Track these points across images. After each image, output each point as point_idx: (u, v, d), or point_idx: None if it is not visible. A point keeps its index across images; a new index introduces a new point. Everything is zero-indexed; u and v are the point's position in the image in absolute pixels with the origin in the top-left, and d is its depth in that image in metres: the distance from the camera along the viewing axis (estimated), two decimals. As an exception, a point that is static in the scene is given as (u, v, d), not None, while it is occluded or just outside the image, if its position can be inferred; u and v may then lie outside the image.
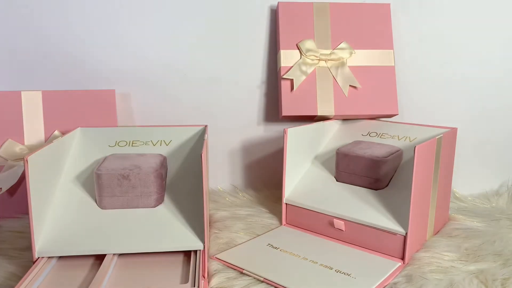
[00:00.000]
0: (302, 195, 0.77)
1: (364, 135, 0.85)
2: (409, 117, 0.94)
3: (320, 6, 0.89)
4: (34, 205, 0.57)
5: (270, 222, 0.79)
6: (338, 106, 0.86)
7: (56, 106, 0.84)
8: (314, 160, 0.84)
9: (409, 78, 0.94)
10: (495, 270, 0.61)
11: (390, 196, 0.72)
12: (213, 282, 0.59)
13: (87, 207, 0.65)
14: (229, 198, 0.92)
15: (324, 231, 0.73)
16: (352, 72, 0.87)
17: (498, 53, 0.93)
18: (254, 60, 0.94)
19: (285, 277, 0.59)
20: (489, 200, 0.91)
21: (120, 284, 0.54)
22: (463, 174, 0.92)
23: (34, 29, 0.89)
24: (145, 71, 0.93)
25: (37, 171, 0.58)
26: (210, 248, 0.69)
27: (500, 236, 0.72)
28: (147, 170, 0.65)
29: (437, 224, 0.75)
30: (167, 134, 0.77)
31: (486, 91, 0.95)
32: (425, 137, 0.77)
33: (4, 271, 0.61)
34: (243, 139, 0.97)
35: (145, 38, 0.92)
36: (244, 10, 0.92)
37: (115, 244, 0.59)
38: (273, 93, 0.95)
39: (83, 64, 0.91)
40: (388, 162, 0.73)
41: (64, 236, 0.60)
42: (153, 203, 0.66)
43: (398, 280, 0.60)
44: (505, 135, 0.96)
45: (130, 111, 0.94)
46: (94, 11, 0.89)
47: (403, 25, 0.93)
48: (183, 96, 0.94)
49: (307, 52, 0.86)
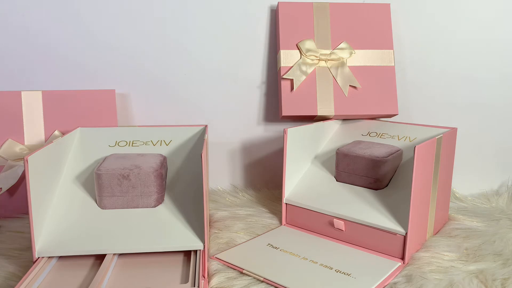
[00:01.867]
0: (302, 195, 0.77)
1: (364, 135, 0.85)
2: (409, 117, 0.94)
3: (320, 6, 0.89)
4: (34, 205, 0.57)
5: (270, 222, 0.79)
6: (338, 106, 0.86)
7: (56, 106, 0.84)
8: (314, 160, 0.84)
9: (409, 78, 0.95)
10: (495, 270, 0.61)
11: (390, 196, 0.72)
12: (213, 282, 0.59)
13: (87, 207, 0.65)
14: (229, 198, 0.92)
15: (324, 231, 0.73)
16: (352, 72, 0.87)
17: (498, 53, 0.93)
18: (254, 60, 0.94)
19: (285, 277, 0.59)
20: (489, 200, 0.91)
21: (120, 284, 0.54)
22: (463, 174, 0.92)
23: (34, 29, 0.89)
24: (145, 71, 0.93)
25: (37, 171, 0.58)
26: (210, 248, 0.69)
27: (500, 236, 0.72)
28: (147, 170, 0.65)
29: (437, 224, 0.75)
30: (167, 134, 0.77)
31: (486, 91, 0.95)
32: (425, 137, 0.77)
33: (4, 271, 0.61)
34: (243, 139, 0.97)
35: (145, 38, 0.92)
36: (244, 10, 0.92)
37: (115, 244, 0.59)
38: (273, 93, 0.95)
39: (83, 64, 0.91)
40: (388, 162, 0.73)
41: (64, 236, 0.60)
42: (153, 203, 0.66)
43: (398, 280, 0.60)
44: (505, 135, 0.96)
45: (130, 111, 0.94)
46: (94, 11, 0.90)
47: (403, 25, 0.93)
48: (183, 96, 0.94)
49: (307, 52, 0.86)
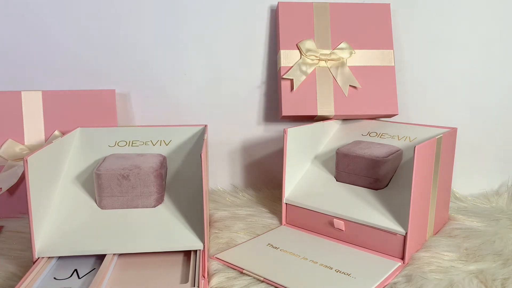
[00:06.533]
0: (302, 195, 0.77)
1: (364, 135, 0.85)
2: (409, 117, 0.94)
3: (320, 6, 0.89)
4: (34, 205, 0.57)
5: (270, 222, 0.79)
6: (338, 106, 0.86)
7: (56, 106, 0.84)
8: (314, 160, 0.84)
9: (409, 78, 0.94)
10: (495, 270, 0.61)
11: (390, 196, 0.72)
12: (213, 282, 0.59)
13: (87, 207, 0.65)
14: (229, 198, 0.92)
15: (324, 231, 0.73)
16: (352, 72, 0.87)
17: (498, 52, 0.93)
18: (254, 60, 0.94)
19: (285, 277, 0.59)
20: (489, 200, 0.91)
21: (120, 284, 0.54)
22: (463, 174, 0.92)
23: (34, 29, 0.89)
24: (145, 71, 0.93)
25: (37, 171, 0.58)
26: (210, 248, 0.69)
27: (500, 236, 0.72)
28: (147, 170, 0.65)
29: (437, 224, 0.75)
30: (167, 134, 0.77)
31: (486, 91, 0.94)
32: (425, 137, 0.77)
33: (4, 271, 0.61)
34: (243, 139, 0.97)
35: (145, 38, 0.92)
36: (244, 10, 0.92)
37: (115, 244, 0.59)
38: (273, 93, 0.95)
39: (83, 64, 0.91)
40: (388, 162, 0.73)
41: (64, 236, 0.60)
42: (153, 203, 0.66)
43: (398, 280, 0.60)
44: (505, 135, 0.96)
45: (130, 111, 0.94)
46: (94, 11, 0.90)
47: (403, 25, 0.93)
48: (183, 96, 0.94)
49: (307, 52, 0.86)
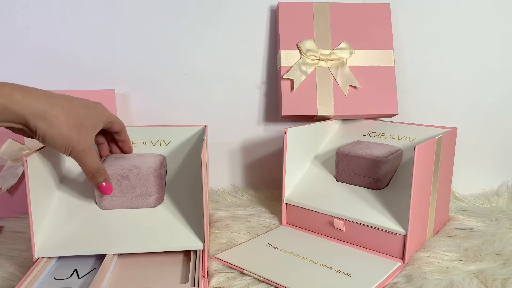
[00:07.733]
0: (302, 195, 0.77)
1: (364, 135, 0.85)
2: (409, 117, 0.94)
3: (320, 6, 0.89)
4: (34, 205, 0.57)
5: (270, 222, 0.79)
6: (338, 106, 0.86)
7: (56, 106, 0.84)
8: (314, 160, 0.84)
9: (409, 78, 0.94)
10: (495, 270, 0.61)
11: (390, 196, 0.72)
12: (213, 282, 0.59)
13: (87, 207, 0.65)
14: (229, 198, 0.92)
15: (324, 231, 0.73)
16: (352, 72, 0.87)
17: (498, 53, 0.93)
18: (254, 60, 0.94)
19: (285, 277, 0.59)
20: (489, 200, 0.91)
21: (120, 284, 0.54)
22: (463, 174, 0.92)
23: (34, 29, 0.89)
24: (145, 71, 0.93)
25: (37, 171, 0.58)
26: (210, 248, 0.69)
27: (500, 236, 0.72)
28: (146, 170, 0.65)
29: (437, 224, 0.75)
30: (167, 134, 0.77)
31: (486, 91, 0.94)
32: (425, 137, 0.77)
33: (4, 271, 0.61)
34: (243, 139, 0.97)
35: (145, 38, 0.92)
36: (244, 10, 0.92)
37: (115, 244, 0.59)
38: (273, 93, 0.95)
39: (83, 64, 0.91)
40: (388, 162, 0.73)
41: (64, 236, 0.60)
42: (153, 203, 0.66)
43: (398, 280, 0.60)
44: (505, 135, 0.96)
45: (130, 111, 0.94)
46: (94, 11, 0.89)
47: (403, 25, 0.93)
48: (183, 96, 0.94)
49: (307, 52, 0.86)
